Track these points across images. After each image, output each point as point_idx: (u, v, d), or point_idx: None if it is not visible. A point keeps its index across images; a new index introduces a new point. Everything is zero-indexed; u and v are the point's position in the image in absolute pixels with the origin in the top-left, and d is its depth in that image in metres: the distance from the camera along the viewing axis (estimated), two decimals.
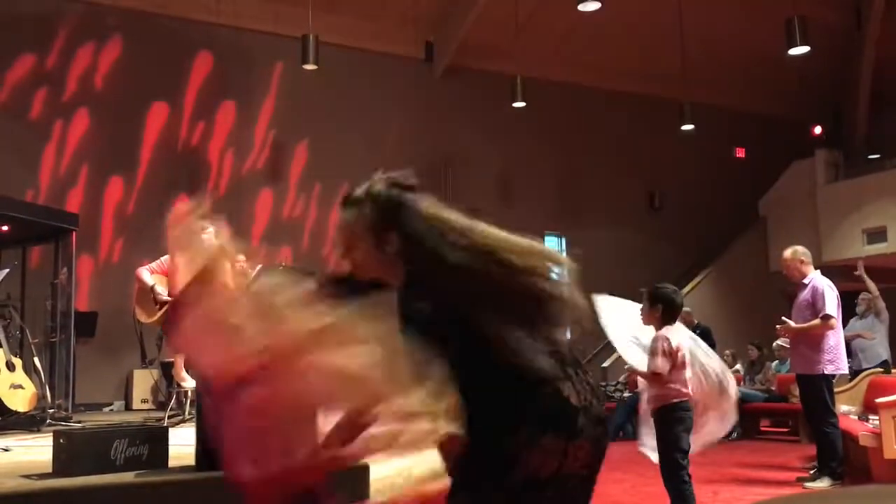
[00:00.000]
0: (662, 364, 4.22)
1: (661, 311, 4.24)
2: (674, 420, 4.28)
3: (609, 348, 13.31)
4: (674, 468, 4.25)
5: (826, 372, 5.83)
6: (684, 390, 4.21)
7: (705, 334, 10.70)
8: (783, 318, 6.08)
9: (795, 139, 16.03)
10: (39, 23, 10.64)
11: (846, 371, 6.39)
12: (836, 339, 5.89)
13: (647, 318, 4.35)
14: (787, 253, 6.18)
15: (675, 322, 4.35)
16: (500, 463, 1.73)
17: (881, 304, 8.93)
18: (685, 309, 11.16)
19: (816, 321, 5.83)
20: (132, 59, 11.11)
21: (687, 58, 12.58)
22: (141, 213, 11.01)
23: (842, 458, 5.80)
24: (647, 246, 14.38)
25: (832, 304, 5.82)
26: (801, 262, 6.07)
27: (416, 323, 1.67)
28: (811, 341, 5.88)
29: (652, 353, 4.22)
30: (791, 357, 6.76)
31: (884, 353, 8.85)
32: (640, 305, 4.44)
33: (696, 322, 10.87)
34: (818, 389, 5.85)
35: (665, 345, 4.23)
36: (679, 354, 4.23)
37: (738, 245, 15.03)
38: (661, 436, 4.36)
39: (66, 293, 7.11)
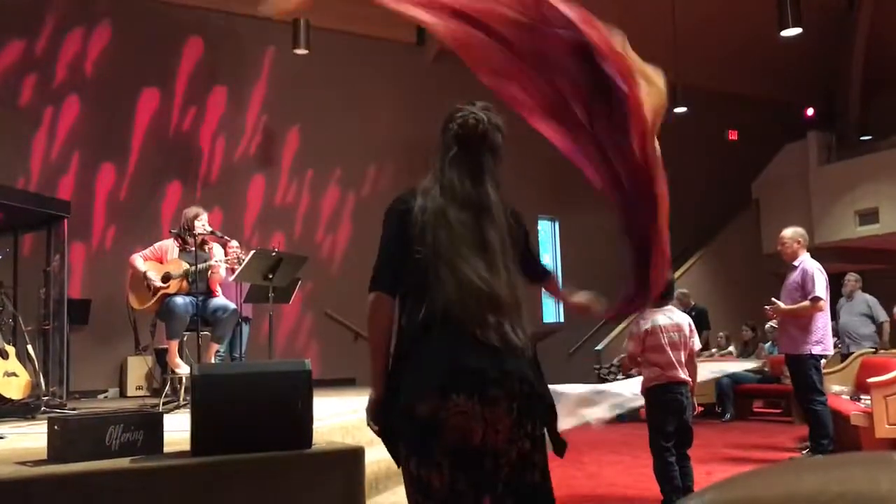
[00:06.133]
0: (630, 346, 4.35)
1: None
2: (651, 403, 4.33)
3: (603, 331, 13.39)
4: (654, 450, 4.31)
5: (813, 352, 5.99)
6: (668, 373, 4.22)
7: (701, 315, 10.79)
8: (773, 299, 6.21)
9: (788, 121, 16.03)
10: (27, 9, 10.54)
11: (832, 352, 6.55)
12: (823, 321, 6.07)
13: None
14: (788, 232, 6.31)
15: (667, 304, 4.37)
16: None
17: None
18: (682, 290, 11.29)
19: (806, 303, 6.00)
20: (122, 46, 11.02)
21: (679, 40, 12.53)
22: (133, 199, 10.96)
23: (832, 437, 5.91)
24: None
25: (821, 287, 5.99)
26: (798, 242, 6.25)
27: None
28: (800, 322, 6.05)
29: (628, 335, 4.39)
30: (779, 338, 6.87)
31: (871, 338, 9.01)
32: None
33: (692, 304, 10.91)
34: (806, 369, 6.01)
35: (634, 328, 4.34)
36: (651, 337, 4.24)
37: (730, 227, 15.06)
38: (647, 418, 4.43)
39: (59, 281, 7.08)
